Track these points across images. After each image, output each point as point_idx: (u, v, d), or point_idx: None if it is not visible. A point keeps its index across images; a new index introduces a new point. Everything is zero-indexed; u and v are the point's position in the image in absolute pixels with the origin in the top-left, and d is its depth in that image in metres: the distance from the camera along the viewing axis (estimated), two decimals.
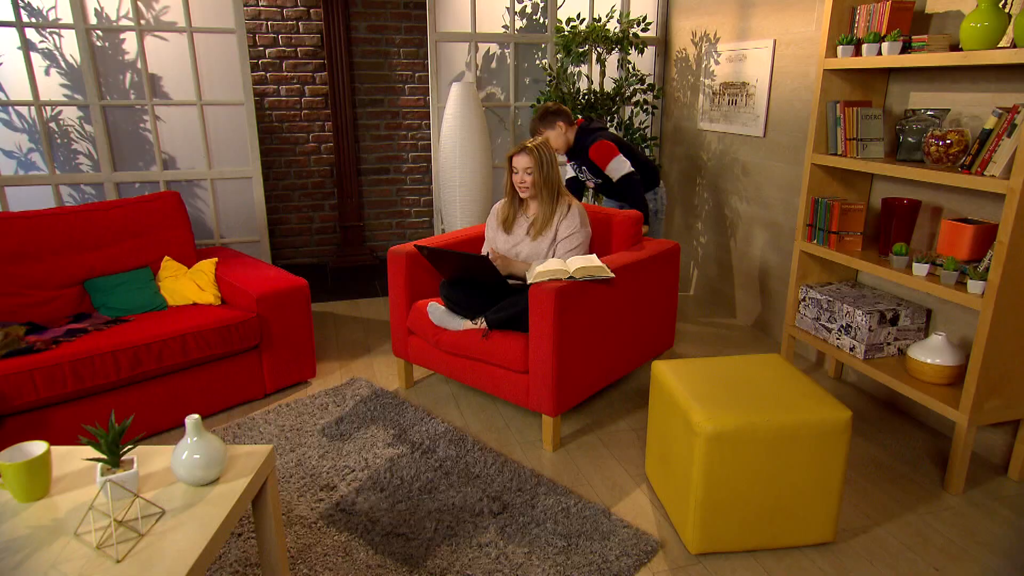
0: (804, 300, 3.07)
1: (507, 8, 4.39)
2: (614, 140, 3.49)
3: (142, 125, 3.96)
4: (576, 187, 3.89)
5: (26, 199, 3.83)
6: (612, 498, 2.36)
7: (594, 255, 2.70)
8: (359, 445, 2.64)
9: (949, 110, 2.57)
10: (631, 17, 4.15)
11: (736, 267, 4.09)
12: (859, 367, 2.73)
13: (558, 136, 3.49)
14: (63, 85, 3.83)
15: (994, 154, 2.18)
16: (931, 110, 2.56)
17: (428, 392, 3.15)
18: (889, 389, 3.02)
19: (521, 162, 2.81)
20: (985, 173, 2.22)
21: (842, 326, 2.83)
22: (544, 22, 4.54)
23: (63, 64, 3.80)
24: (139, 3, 3.79)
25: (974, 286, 2.25)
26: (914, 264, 2.47)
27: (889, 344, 2.76)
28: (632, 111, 4.38)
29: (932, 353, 2.49)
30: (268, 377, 3.04)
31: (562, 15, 4.41)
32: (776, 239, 3.71)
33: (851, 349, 2.79)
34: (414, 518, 2.21)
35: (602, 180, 3.60)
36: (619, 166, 3.40)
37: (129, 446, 1.55)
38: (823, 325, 2.95)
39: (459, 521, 2.19)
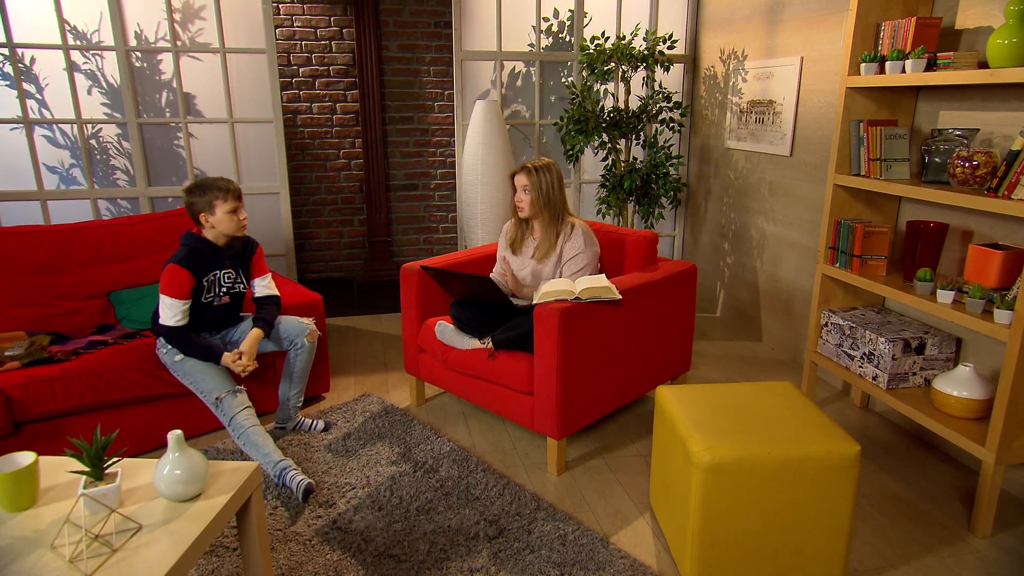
0: (826, 325, 2.95)
1: (532, 26, 4.40)
2: None
3: (176, 142, 4.09)
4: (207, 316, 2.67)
5: (66, 212, 3.99)
6: (613, 526, 2.29)
7: (603, 275, 2.66)
8: (363, 462, 2.64)
9: (979, 130, 2.44)
10: (657, 35, 4.11)
11: (763, 289, 3.98)
12: (882, 397, 2.61)
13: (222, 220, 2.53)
14: (103, 104, 3.99)
15: (1022, 176, 2.06)
16: (959, 130, 2.44)
17: (439, 410, 3.14)
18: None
19: (519, 181, 2.81)
20: (1013, 197, 2.10)
21: (865, 353, 2.71)
22: (570, 40, 4.53)
23: (104, 84, 3.97)
24: (176, 25, 3.94)
25: (1001, 315, 2.12)
26: (939, 291, 2.35)
27: (915, 374, 2.62)
28: (657, 129, 4.32)
29: (958, 385, 2.36)
30: None
31: (588, 33, 4.39)
32: (803, 261, 3.59)
33: (874, 378, 2.67)
34: (408, 539, 2.19)
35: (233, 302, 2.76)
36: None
37: (114, 459, 1.57)
38: (846, 352, 2.83)
39: (453, 544, 2.16)
